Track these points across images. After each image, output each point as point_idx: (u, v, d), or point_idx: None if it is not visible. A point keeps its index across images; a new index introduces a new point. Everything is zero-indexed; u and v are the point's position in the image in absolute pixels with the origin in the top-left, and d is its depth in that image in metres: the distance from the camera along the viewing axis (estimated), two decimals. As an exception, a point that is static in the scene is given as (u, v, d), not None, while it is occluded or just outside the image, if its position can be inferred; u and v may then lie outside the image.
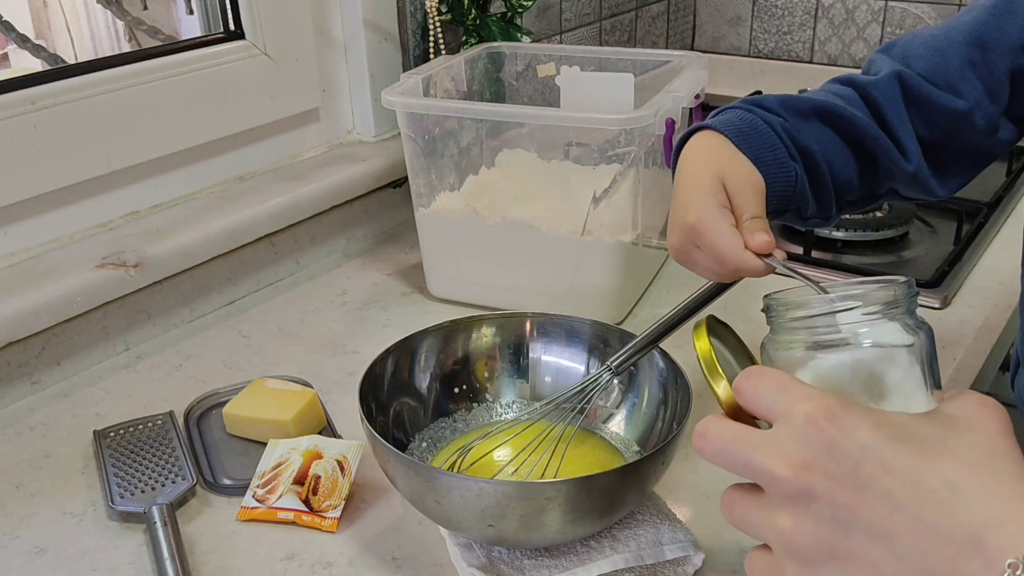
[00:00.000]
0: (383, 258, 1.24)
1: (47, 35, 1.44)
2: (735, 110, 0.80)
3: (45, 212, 1.01)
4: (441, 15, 1.22)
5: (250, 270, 1.15)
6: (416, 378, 0.84)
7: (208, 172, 1.16)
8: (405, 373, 0.83)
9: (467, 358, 0.86)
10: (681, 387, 0.76)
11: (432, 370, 0.84)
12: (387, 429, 0.79)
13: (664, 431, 0.78)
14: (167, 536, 0.73)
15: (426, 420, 0.83)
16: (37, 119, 0.97)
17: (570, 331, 0.86)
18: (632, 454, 0.80)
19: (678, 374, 0.78)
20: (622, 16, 1.78)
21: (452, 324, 0.85)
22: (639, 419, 0.82)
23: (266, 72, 1.18)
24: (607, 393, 0.83)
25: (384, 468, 0.72)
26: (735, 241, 0.68)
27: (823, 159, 0.79)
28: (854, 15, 1.85)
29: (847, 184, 0.82)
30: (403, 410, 0.82)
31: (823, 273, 1.14)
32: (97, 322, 1.00)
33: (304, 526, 0.76)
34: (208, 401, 0.92)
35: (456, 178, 1.13)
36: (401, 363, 0.82)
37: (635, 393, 0.83)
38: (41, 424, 0.92)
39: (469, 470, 0.77)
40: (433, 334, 0.84)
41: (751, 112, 0.78)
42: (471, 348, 0.86)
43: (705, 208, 0.69)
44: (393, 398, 0.81)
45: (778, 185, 0.75)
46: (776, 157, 0.75)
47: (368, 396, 0.77)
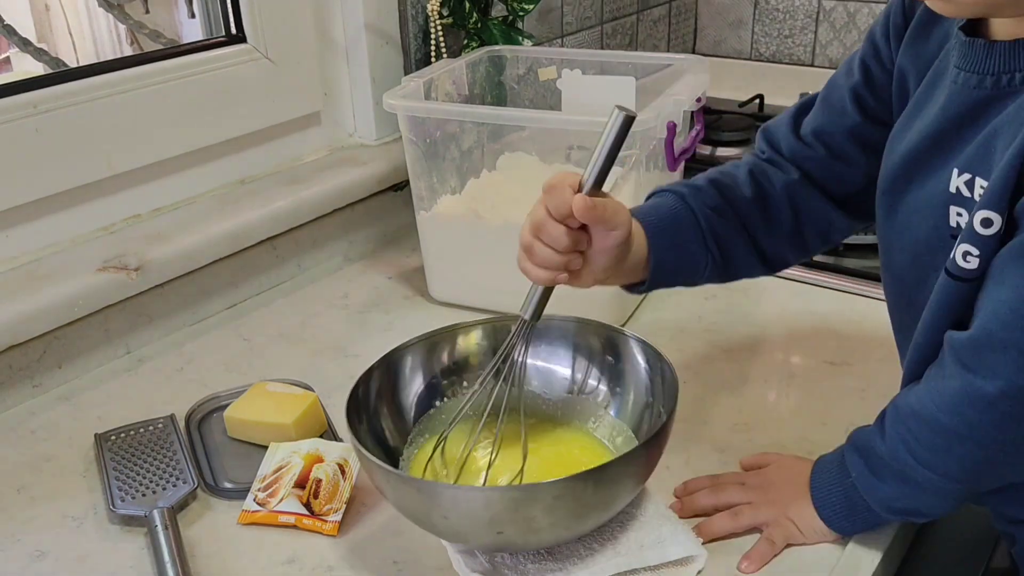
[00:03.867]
0: (384, 261, 1.24)
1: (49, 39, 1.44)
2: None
3: (47, 215, 1.01)
4: (442, 18, 1.22)
5: (251, 273, 1.15)
6: (400, 395, 0.82)
7: (210, 175, 1.16)
8: (388, 392, 0.81)
9: (448, 368, 0.85)
10: (668, 380, 0.76)
11: (415, 384, 0.83)
12: (375, 446, 0.77)
13: (653, 422, 0.78)
14: (168, 540, 0.73)
15: (405, 438, 0.81)
16: (39, 123, 0.97)
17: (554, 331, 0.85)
18: (622, 448, 0.80)
19: (663, 363, 0.77)
20: (623, 19, 1.78)
21: (431, 336, 0.83)
22: (627, 415, 0.81)
23: (267, 75, 1.18)
24: (534, 351, 0.83)
25: (382, 489, 0.71)
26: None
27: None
28: (855, 18, 1.85)
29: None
30: (387, 427, 0.80)
31: (825, 276, 1.15)
32: (98, 325, 1.00)
33: (305, 530, 0.76)
34: (209, 404, 0.92)
35: (457, 181, 1.13)
36: (383, 383, 0.80)
37: (621, 389, 0.82)
38: (42, 427, 0.92)
39: (461, 478, 0.76)
40: (414, 349, 0.83)
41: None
42: (456, 357, 0.85)
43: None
44: (377, 416, 0.79)
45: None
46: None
47: (355, 418, 0.74)
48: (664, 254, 0.80)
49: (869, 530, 0.74)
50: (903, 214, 0.73)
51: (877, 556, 0.73)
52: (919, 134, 0.71)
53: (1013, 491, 0.72)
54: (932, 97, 0.72)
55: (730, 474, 0.80)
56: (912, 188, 0.72)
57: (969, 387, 0.63)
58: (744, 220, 0.84)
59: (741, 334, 1.05)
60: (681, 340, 1.03)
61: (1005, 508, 0.75)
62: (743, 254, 0.84)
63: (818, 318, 1.07)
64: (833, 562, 0.72)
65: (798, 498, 0.74)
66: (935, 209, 0.69)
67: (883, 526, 0.74)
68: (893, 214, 0.75)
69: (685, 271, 0.83)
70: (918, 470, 0.67)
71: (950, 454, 0.66)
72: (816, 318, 1.07)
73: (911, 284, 0.74)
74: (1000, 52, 0.65)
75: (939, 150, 0.69)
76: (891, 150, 0.76)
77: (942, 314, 0.67)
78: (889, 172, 0.75)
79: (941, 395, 0.65)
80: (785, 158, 0.86)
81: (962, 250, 0.64)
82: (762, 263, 0.86)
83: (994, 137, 0.64)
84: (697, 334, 1.04)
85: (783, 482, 0.76)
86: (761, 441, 0.86)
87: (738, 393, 0.94)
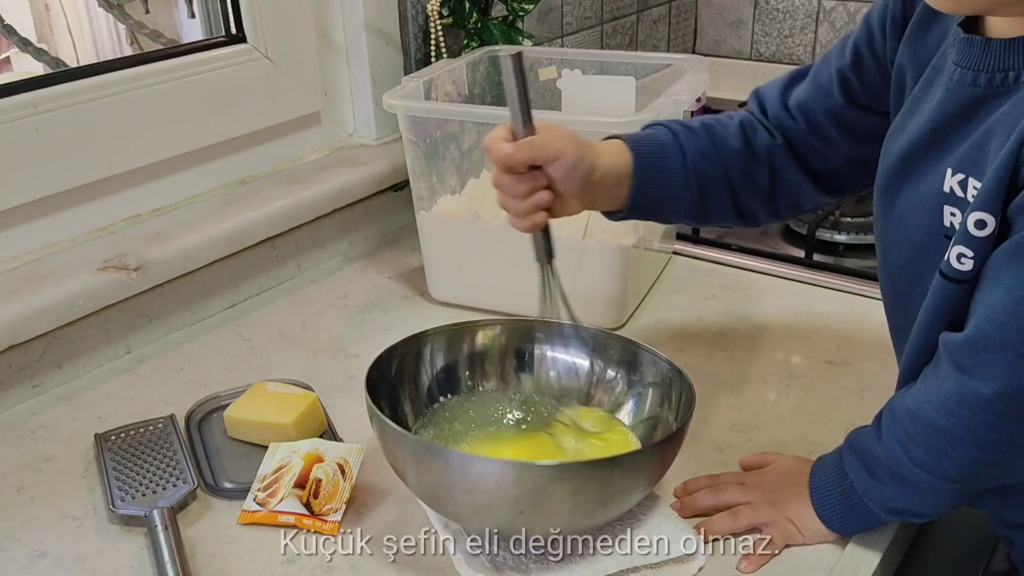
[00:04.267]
0: (384, 261, 1.24)
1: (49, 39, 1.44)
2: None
3: (47, 215, 1.01)
4: (442, 18, 1.22)
5: (251, 273, 1.15)
6: (419, 376, 0.84)
7: (209, 175, 1.16)
8: (409, 372, 0.83)
9: (468, 358, 0.86)
10: (685, 387, 0.77)
11: (433, 368, 0.85)
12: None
13: (666, 426, 0.79)
14: (168, 540, 0.73)
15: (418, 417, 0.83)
16: (39, 122, 0.97)
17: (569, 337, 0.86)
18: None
19: (682, 377, 0.78)
20: (623, 19, 1.78)
21: (457, 326, 0.86)
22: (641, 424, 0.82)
23: (267, 75, 1.18)
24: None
25: (397, 462, 0.71)
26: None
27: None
28: (855, 18, 1.85)
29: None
30: (401, 408, 0.82)
31: (825, 276, 1.14)
32: (98, 325, 1.00)
33: (305, 530, 0.76)
34: (209, 404, 0.92)
35: (457, 181, 1.13)
36: (406, 361, 0.82)
37: (637, 396, 0.83)
38: (42, 427, 0.92)
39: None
40: (439, 335, 0.85)
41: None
42: (475, 348, 0.86)
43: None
44: (394, 396, 0.81)
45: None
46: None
47: (375, 391, 0.76)
48: (646, 184, 0.82)
49: (868, 531, 0.74)
50: (899, 213, 0.74)
51: (876, 557, 0.73)
52: (915, 132, 0.72)
53: (1012, 495, 0.72)
54: (929, 95, 0.72)
55: (730, 474, 0.80)
56: (908, 187, 0.72)
57: (964, 389, 0.63)
58: (728, 169, 0.85)
59: (741, 334, 1.05)
60: (681, 340, 1.03)
61: (1003, 512, 0.75)
62: (721, 201, 0.86)
63: (818, 318, 1.07)
64: (833, 562, 0.72)
65: (797, 499, 0.74)
66: (929, 209, 0.69)
67: (882, 527, 0.74)
68: (889, 213, 0.75)
69: (664, 205, 0.85)
70: (915, 472, 0.67)
71: (947, 456, 0.66)
72: (816, 318, 1.07)
73: (907, 284, 0.74)
74: (996, 50, 0.65)
75: (934, 148, 0.70)
76: (888, 148, 0.76)
77: (937, 315, 0.67)
78: (886, 171, 0.75)
79: (937, 397, 0.65)
80: (771, 123, 0.87)
81: (956, 252, 0.64)
82: (736, 214, 0.88)
83: (988, 137, 0.64)
84: (697, 334, 1.04)
85: (783, 482, 0.77)
86: (761, 441, 0.86)
87: (738, 393, 0.94)
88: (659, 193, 0.83)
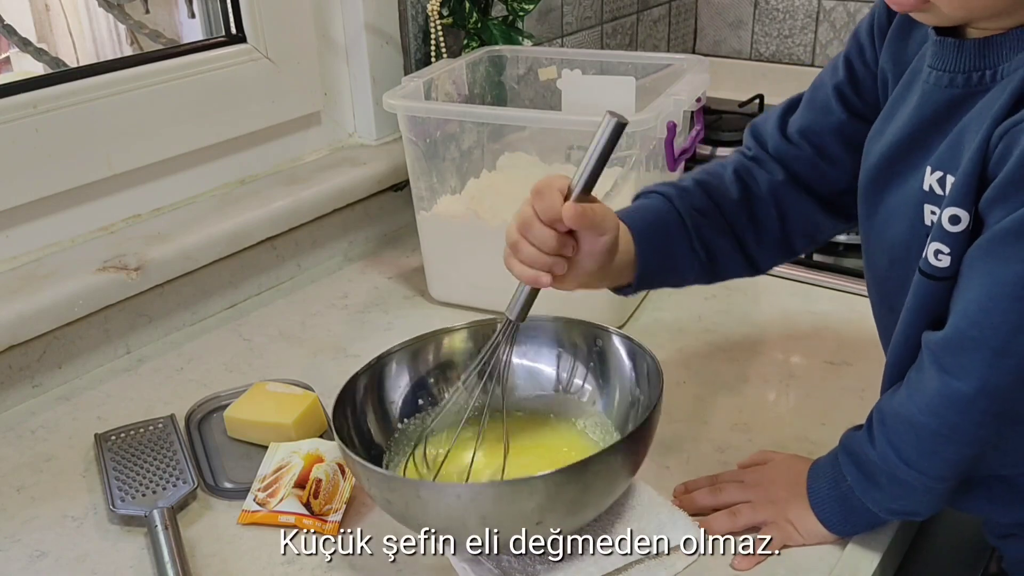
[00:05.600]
0: (384, 261, 1.24)
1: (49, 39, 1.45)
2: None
3: (47, 215, 1.01)
4: (442, 18, 1.22)
5: (251, 273, 1.15)
6: (385, 401, 0.82)
7: (209, 175, 1.16)
8: (374, 402, 0.81)
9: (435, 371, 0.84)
10: (652, 372, 0.77)
11: (401, 390, 0.83)
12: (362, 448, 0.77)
13: (640, 415, 0.78)
14: (168, 539, 0.73)
15: (389, 440, 0.81)
16: (39, 122, 0.97)
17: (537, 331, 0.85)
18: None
19: (646, 356, 0.78)
20: (623, 19, 1.78)
21: (415, 342, 0.83)
22: (613, 411, 0.82)
23: (267, 75, 1.18)
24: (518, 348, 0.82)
25: (366, 487, 0.70)
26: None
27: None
28: (855, 18, 1.85)
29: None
30: (373, 429, 0.80)
31: (825, 276, 1.15)
32: (98, 325, 1.00)
33: (305, 529, 0.76)
34: (209, 404, 0.92)
35: (457, 181, 1.13)
36: (368, 392, 0.80)
37: (607, 386, 0.82)
38: (42, 427, 0.92)
39: (441, 478, 0.76)
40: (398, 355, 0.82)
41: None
42: (440, 359, 0.84)
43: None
44: (364, 418, 0.79)
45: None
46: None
47: (344, 433, 0.74)
48: (651, 257, 0.79)
49: (868, 531, 0.74)
50: (882, 215, 0.74)
51: (876, 558, 0.73)
52: (894, 134, 0.72)
53: (998, 490, 0.72)
54: (907, 98, 0.72)
55: (729, 473, 0.80)
56: (890, 188, 0.72)
57: (946, 389, 0.63)
58: (730, 221, 0.83)
59: (741, 334, 1.05)
60: (681, 340, 1.03)
61: (993, 513, 0.75)
62: (729, 255, 0.84)
63: (818, 318, 1.07)
64: (832, 563, 0.72)
65: (796, 500, 0.74)
66: (911, 208, 0.69)
67: (882, 526, 0.74)
68: (873, 215, 0.75)
69: (672, 273, 0.83)
70: (909, 473, 0.67)
71: (937, 456, 0.66)
72: (816, 318, 1.07)
73: (891, 285, 0.74)
74: (970, 50, 0.66)
75: (914, 150, 0.70)
76: (869, 151, 0.76)
77: (919, 314, 0.67)
78: (868, 173, 0.75)
79: (922, 398, 0.65)
80: (772, 157, 0.86)
81: (933, 248, 0.64)
82: (748, 264, 0.86)
83: (963, 134, 0.65)
84: (697, 334, 1.04)
85: (781, 482, 0.77)
86: (761, 441, 0.86)
87: (738, 393, 0.94)
88: (665, 264, 0.81)
